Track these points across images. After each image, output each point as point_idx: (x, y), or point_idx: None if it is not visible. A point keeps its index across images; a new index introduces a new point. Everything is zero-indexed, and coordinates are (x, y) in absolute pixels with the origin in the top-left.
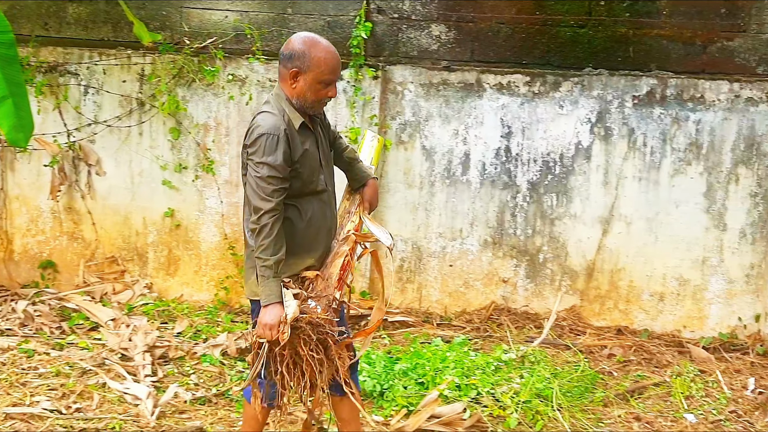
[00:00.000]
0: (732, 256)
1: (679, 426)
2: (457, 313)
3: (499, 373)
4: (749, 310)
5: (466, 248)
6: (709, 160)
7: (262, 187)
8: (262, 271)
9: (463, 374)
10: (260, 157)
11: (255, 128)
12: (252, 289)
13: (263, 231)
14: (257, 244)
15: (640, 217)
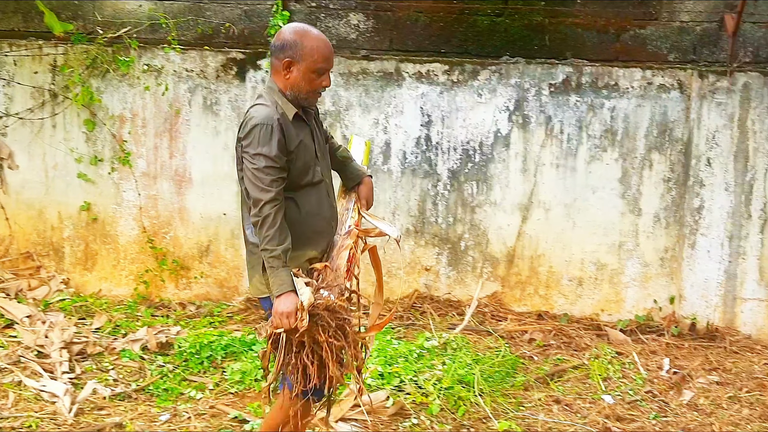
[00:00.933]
0: (647, 240)
1: (597, 407)
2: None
3: (422, 360)
4: (664, 293)
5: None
6: (623, 146)
7: (260, 178)
8: (270, 262)
9: (386, 362)
10: (255, 148)
11: (248, 120)
12: (257, 287)
13: (266, 222)
14: (262, 236)
15: (559, 204)
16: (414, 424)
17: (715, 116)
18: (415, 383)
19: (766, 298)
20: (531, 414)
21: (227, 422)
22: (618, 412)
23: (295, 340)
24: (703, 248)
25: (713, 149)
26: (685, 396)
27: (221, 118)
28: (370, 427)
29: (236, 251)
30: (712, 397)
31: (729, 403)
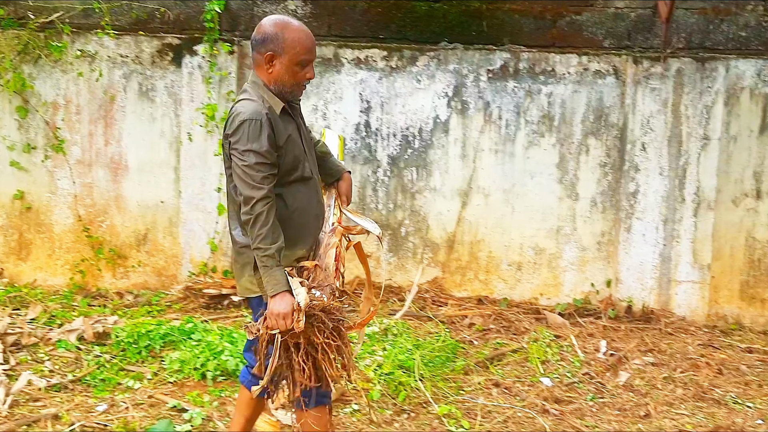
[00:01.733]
0: (584, 225)
1: (536, 390)
2: None
3: (363, 346)
4: (601, 276)
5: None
6: (561, 131)
7: (251, 175)
8: (264, 261)
9: None
10: (245, 144)
11: (235, 116)
12: (246, 287)
13: (259, 220)
14: (254, 235)
15: (498, 189)
16: (355, 410)
17: (650, 102)
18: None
19: (699, 280)
20: (471, 398)
21: (166, 412)
22: (556, 394)
23: (290, 342)
24: (639, 232)
25: (648, 134)
26: (621, 377)
27: (157, 105)
28: None
29: (174, 239)
30: (647, 378)
31: (664, 384)
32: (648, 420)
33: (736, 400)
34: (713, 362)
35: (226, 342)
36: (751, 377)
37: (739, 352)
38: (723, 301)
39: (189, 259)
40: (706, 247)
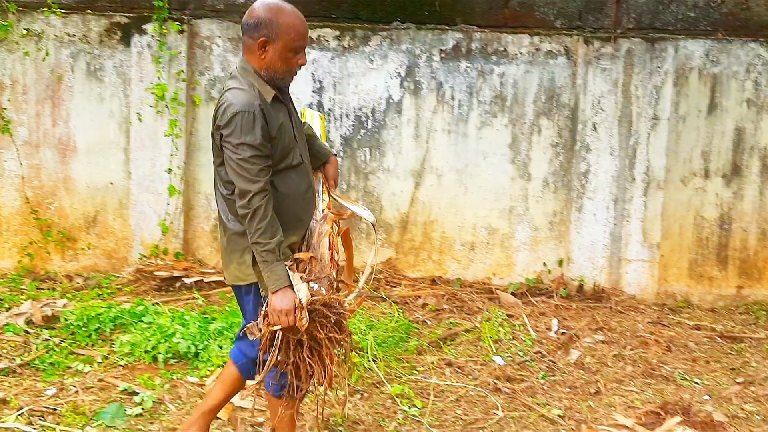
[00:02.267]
0: (536, 205)
1: (489, 368)
2: None
3: None
4: (553, 256)
5: None
6: (513, 112)
7: (246, 168)
8: (264, 256)
9: None
10: (238, 137)
11: (226, 107)
12: (235, 274)
13: (257, 214)
14: (253, 229)
15: (451, 170)
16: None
17: (600, 82)
18: None
19: (649, 259)
20: (424, 377)
21: (116, 395)
22: (508, 373)
23: (292, 337)
24: (590, 211)
25: (599, 114)
26: (572, 355)
27: (106, 85)
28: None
29: (125, 221)
30: (597, 355)
31: (614, 361)
32: (598, 397)
33: (684, 377)
34: (662, 340)
35: (178, 324)
36: (699, 354)
37: (687, 330)
38: (672, 279)
39: (140, 242)
40: (655, 226)
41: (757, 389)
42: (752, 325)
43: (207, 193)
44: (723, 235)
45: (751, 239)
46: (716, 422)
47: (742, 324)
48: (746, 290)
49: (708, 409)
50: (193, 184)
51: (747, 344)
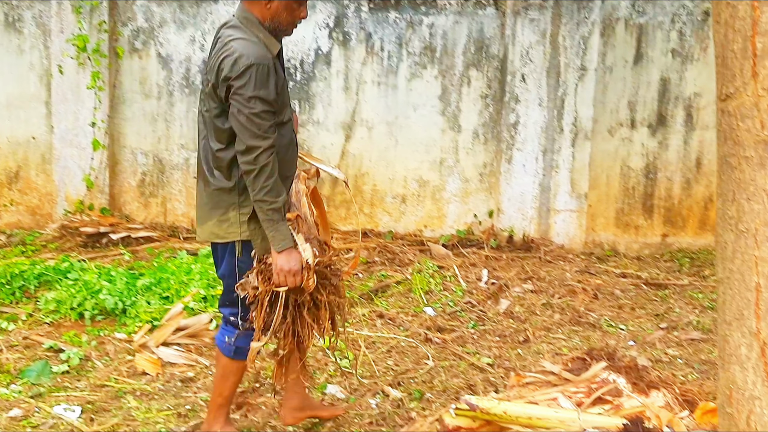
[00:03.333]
0: (467, 157)
1: (420, 319)
2: None
3: None
4: (483, 207)
5: None
6: (442, 63)
7: (257, 124)
8: (270, 215)
9: (209, 286)
10: (252, 90)
11: (237, 58)
12: (214, 231)
13: (264, 171)
14: (259, 186)
15: (381, 122)
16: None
17: (529, 33)
18: None
19: (577, 209)
20: (355, 329)
21: (42, 352)
22: (439, 323)
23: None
24: (519, 163)
25: (527, 65)
26: (502, 305)
27: (25, 36)
28: (193, 350)
29: (48, 177)
30: (526, 304)
31: (542, 310)
32: (527, 345)
33: (609, 323)
34: (589, 288)
35: (105, 281)
36: (625, 301)
37: (613, 278)
38: (599, 228)
39: (64, 197)
40: (583, 176)
41: (679, 334)
42: (676, 272)
43: (132, 148)
44: (649, 184)
45: (676, 188)
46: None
47: (666, 271)
48: (671, 238)
49: (633, 354)
50: (118, 138)
51: (671, 291)
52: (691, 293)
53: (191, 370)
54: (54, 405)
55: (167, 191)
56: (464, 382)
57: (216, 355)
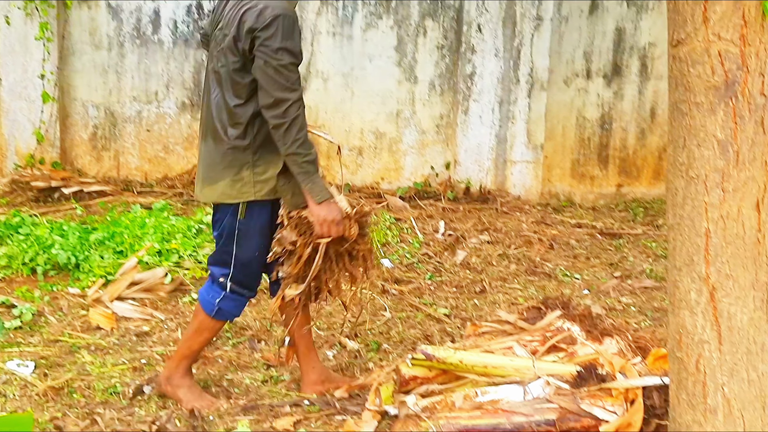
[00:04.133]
0: (423, 108)
1: (377, 271)
2: (159, 179)
3: (201, 236)
4: (440, 159)
5: (163, 111)
6: (398, 13)
7: (285, 75)
8: (305, 167)
9: (164, 239)
10: (279, 42)
11: (263, 9)
12: (225, 191)
13: (295, 124)
14: (291, 140)
15: (336, 73)
16: (194, 299)
17: None
18: (195, 259)
19: (533, 160)
20: None
21: None
22: (396, 275)
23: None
24: (476, 114)
25: (483, 15)
26: (458, 256)
27: None
28: (148, 304)
29: None
30: (483, 255)
31: (498, 260)
32: (483, 295)
33: (565, 273)
34: (545, 238)
35: (57, 235)
36: (580, 251)
37: (569, 228)
38: (555, 179)
39: (14, 151)
40: (539, 127)
41: (633, 282)
42: (630, 221)
43: (83, 100)
44: (604, 135)
45: (631, 139)
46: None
47: (621, 221)
48: (625, 188)
49: (587, 302)
50: (68, 90)
51: (625, 240)
52: (644, 242)
53: (146, 325)
54: (7, 360)
55: (120, 145)
56: (421, 333)
57: (195, 309)
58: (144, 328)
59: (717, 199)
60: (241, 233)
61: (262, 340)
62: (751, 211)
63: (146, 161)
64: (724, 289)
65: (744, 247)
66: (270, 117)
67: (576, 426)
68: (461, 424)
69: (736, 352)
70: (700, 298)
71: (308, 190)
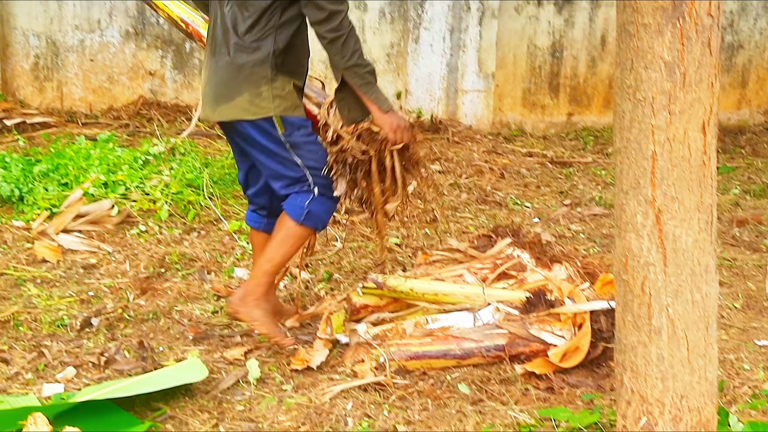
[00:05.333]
0: (373, 37)
1: None
2: (104, 110)
3: (148, 167)
4: (391, 89)
5: (106, 40)
6: None
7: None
8: (367, 77)
9: (109, 171)
10: None
11: None
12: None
13: (351, 36)
14: (350, 51)
15: None
16: (142, 231)
17: None
18: (142, 190)
19: (484, 89)
20: None
21: None
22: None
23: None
24: (426, 42)
25: None
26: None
27: None
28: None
29: None
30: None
31: (450, 190)
32: (434, 224)
33: (515, 201)
34: (496, 167)
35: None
36: (530, 179)
37: (520, 157)
38: (506, 108)
39: None
40: (490, 56)
41: (582, 210)
42: (581, 150)
43: (24, 29)
44: (555, 63)
45: (581, 67)
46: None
47: (571, 149)
48: (576, 117)
49: (537, 230)
50: (7, 19)
51: (575, 168)
52: (594, 170)
53: (93, 257)
54: None
55: (63, 75)
56: (372, 263)
57: (279, 221)
58: (91, 261)
59: (663, 121)
60: (291, 144)
61: (212, 271)
62: (697, 133)
63: (90, 92)
64: (669, 211)
65: (690, 170)
66: (325, 32)
67: (525, 351)
68: (412, 351)
69: (680, 273)
70: (646, 221)
71: (374, 100)
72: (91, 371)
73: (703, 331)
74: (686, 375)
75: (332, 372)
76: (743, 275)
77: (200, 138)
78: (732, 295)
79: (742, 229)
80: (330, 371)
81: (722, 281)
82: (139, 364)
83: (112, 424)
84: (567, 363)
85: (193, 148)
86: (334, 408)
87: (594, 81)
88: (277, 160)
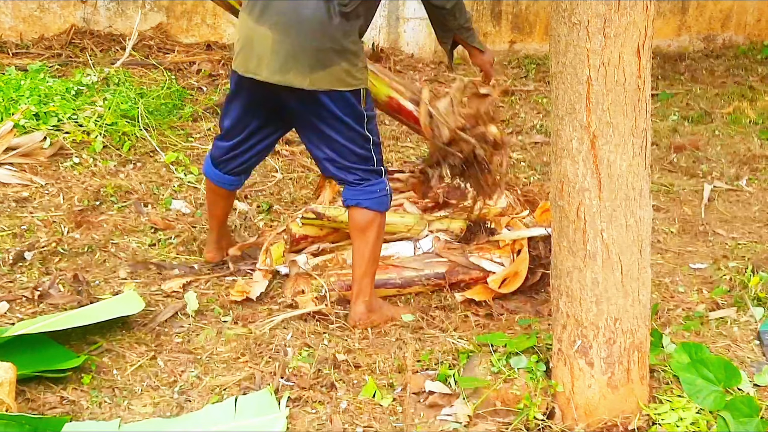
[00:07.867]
0: None
1: None
2: (35, 39)
3: (81, 98)
4: None
5: None
6: None
7: None
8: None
9: (41, 102)
10: None
11: None
12: (341, 78)
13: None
14: (463, 14)
15: None
16: (76, 163)
17: None
18: (75, 122)
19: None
20: (200, 144)
21: None
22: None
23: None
24: None
25: None
26: None
27: None
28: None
29: None
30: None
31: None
32: None
33: None
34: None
35: None
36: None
37: None
38: None
39: None
40: None
41: (524, 138)
42: (523, 78)
43: None
44: None
45: None
46: None
47: (514, 78)
48: (518, 45)
49: None
50: None
51: (518, 96)
52: (536, 98)
53: (26, 190)
54: None
55: None
56: (312, 194)
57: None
58: (23, 194)
59: (598, 45)
60: (368, 119)
61: (149, 203)
62: (631, 57)
63: (21, 21)
64: (604, 136)
65: (624, 94)
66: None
67: (465, 278)
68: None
69: (615, 198)
70: (581, 146)
71: (477, 44)
72: (24, 306)
73: (636, 255)
74: (620, 298)
75: (272, 303)
76: (680, 200)
77: (135, 68)
78: (668, 220)
79: (680, 155)
80: (270, 302)
81: (659, 206)
82: (75, 298)
83: (48, 358)
84: (506, 289)
85: (128, 78)
86: (273, 338)
87: (536, 8)
88: (348, 136)
